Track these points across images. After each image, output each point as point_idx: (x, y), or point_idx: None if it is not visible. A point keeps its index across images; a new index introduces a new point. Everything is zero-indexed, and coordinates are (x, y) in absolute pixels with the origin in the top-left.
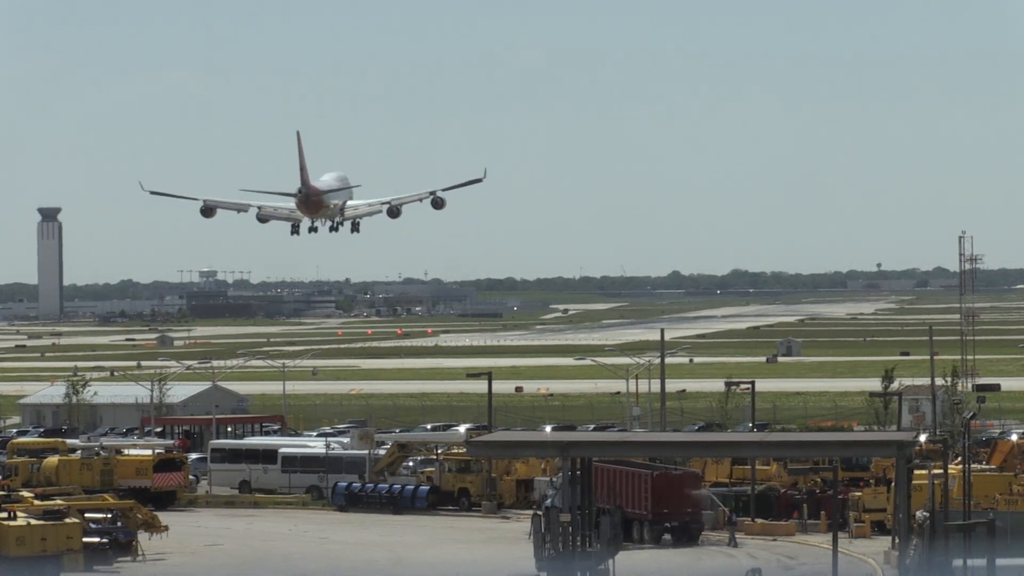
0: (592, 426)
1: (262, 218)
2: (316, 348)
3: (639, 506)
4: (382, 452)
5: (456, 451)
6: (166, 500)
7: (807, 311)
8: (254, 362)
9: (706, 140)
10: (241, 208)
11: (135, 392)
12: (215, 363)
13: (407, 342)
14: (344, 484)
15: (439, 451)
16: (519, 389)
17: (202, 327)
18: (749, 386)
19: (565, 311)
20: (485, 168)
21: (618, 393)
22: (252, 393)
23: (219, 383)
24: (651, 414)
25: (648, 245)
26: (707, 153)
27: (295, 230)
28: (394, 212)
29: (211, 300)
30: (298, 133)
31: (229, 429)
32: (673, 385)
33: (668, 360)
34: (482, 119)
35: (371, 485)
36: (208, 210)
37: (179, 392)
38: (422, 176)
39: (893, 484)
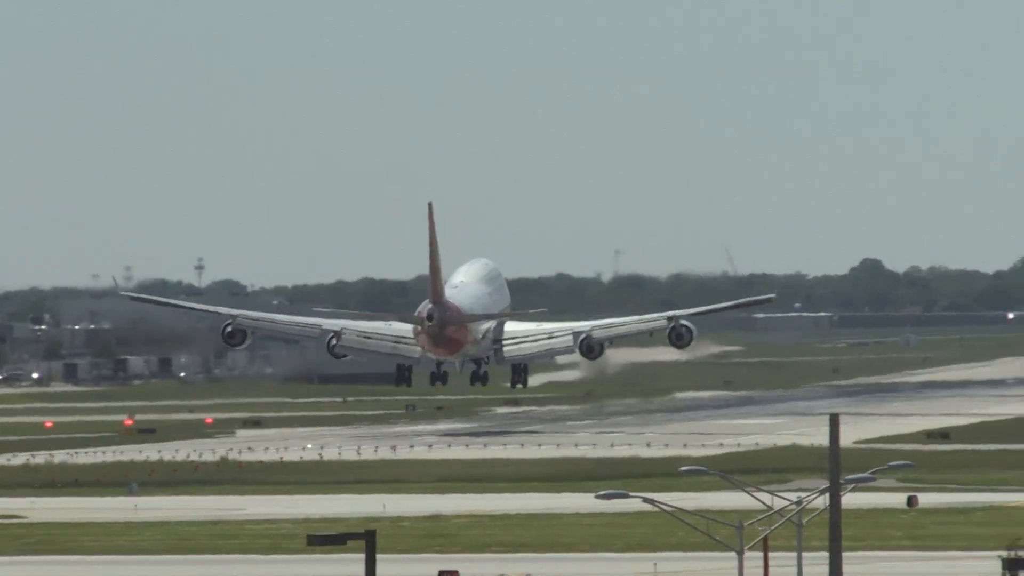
0: None
1: (341, 352)
2: None
3: None
4: None
5: None
6: None
7: None
8: None
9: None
10: (304, 332)
11: None
12: None
13: (147, 449)
14: None
15: None
16: None
17: None
18: None
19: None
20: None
21: None
22: None
23: None
24: None
25: (787, 208)
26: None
27: (403, 376)
28: (593, 349)
29: None
30: (430, 206)
31: None
32: (868, 567)
33: (851, 499)
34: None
35: None
36: (238, 333)
37: None
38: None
39: None
